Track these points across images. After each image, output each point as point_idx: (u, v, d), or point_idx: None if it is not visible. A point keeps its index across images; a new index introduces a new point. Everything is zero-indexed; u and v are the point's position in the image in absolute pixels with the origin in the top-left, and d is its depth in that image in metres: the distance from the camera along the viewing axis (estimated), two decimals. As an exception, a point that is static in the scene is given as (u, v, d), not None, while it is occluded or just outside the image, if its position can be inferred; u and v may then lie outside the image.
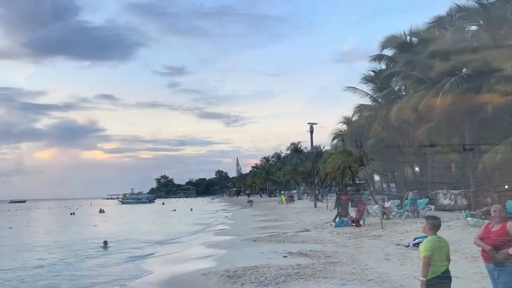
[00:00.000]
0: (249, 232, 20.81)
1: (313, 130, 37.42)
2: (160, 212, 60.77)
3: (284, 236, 17.42)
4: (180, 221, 36.84)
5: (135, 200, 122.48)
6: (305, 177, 76.61)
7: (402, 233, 15.71)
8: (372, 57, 33.98)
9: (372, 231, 17.00)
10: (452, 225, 16.17)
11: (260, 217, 31.24)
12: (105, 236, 23.02)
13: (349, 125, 31.61)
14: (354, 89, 29.64)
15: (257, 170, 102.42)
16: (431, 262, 4.86)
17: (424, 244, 5.15)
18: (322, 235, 17.27)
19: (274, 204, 52.57)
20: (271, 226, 22.53)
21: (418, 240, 12.55)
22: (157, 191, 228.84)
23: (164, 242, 21.05)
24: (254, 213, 37.16)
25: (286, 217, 29.40)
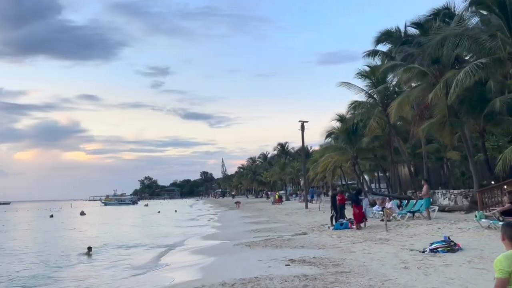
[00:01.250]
0: (240, 235, 19.24)
1: (304, 128, 36.06)
2: (143, 214, 58.73)
3: (281, 240, 15.92)
4: (164, 224, 34.87)
5: (118, 201, 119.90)
6: (292, 178, 75.46)
7: (410, 236, 14.36)
8: (366, 52, 32.86)
9: (376, 234, 15.62)
10: (463, 228, 14.92)
11: (249, 219, 29.68)
12: (85, 241, 21.25)
13: (342, 122, 30.33)
14: (349, 84, 28.37)
15: (243, 171, 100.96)
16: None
17: (500, 262, 3.60)
18: (321, 238, 15.82)
19: (262, 205, 51.14)
20: (264, 229, 21.01)
21: (435, 245, 11.21)
22: (140, 193, 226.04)
23: (148, 248, 19.29)
24: (243, 214, 35.57)
25: (278, 219, 27.91)
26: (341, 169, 44.52)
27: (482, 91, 19.26)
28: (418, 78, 20.58)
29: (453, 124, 19.82)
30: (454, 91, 14.01)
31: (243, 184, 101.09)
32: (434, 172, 33.34)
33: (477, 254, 10.44)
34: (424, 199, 18.95)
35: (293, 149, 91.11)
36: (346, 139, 30.69)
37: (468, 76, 13.43)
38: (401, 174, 34.44)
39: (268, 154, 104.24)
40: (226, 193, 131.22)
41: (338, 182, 61.13)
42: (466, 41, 14.38)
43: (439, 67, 20.85)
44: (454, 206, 23.91)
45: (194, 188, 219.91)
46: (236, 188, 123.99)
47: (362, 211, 18.05)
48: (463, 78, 13.49)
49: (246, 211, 41.71)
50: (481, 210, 18.53)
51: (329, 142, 38.25)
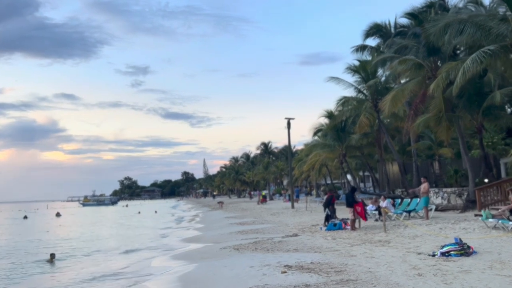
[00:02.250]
0: (226, 237, 17.87)
1: (290, 125, 34.88)
2: (122, 215, 56.71)
3: (271, 243, 14.62)
4: (143, 225, 33.03)
5: (97, 202, 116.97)
6: (276, 177, 74.32)
7: (412, 238, 13.25)
8: (355, 47, 31.91)
9: (374, 236, 14.49)
10: (467, 228, 13.89)
11: (234, 219, 28.29)
12: (53, 245, 19.53)
13: (331, 118, 29.24)
14: (338, 79, 27.25)
15: (226, 171, 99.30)
16: None
17: None
18: (315, 241, 14.59)
19: (246, 205, 49.79)
20: (251, 230, 19.68)
21: (447, 248, 10.07)
22: (120, 193, 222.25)
23: (124, 252, 17.71)
24: (227, 215, 34.13)
25: (264, 219, 26.62)
26: (327, 168, 43.62)
27: (480, 85, 18.36)
28: (413, 71, 19.58)
29: (450, 119, 18.87)
30: (460, 80, 12.96)
31: (226, 184, 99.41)
32: (423, 170, 32.53)
33: (495, 258, 9.35)
34: (422, 198, 17.91)
35: (276, 149, 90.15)
36: (335, 136, 29.61)
37: (476, 64, 12.42)
38: (389, 172, 33.55)
39: (251, 154, 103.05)
40: (208, 193, 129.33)
41: (322, 181, 60.36)
42: (470, 27, 13.35)
43: (435, 59, 19.94)
44: (447, 205, 23.03)
45: (175, 188, 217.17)
46: (218, 188, 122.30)
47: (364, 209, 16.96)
48: (470, 66, 12.45)
49: (230, 211, 40.29)
50: (479, 209, 17.68)
51: (316, 140, 37.11)
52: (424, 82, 19.68)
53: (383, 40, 31.21)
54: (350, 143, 29.22)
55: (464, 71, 12.57)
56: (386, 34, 31.17)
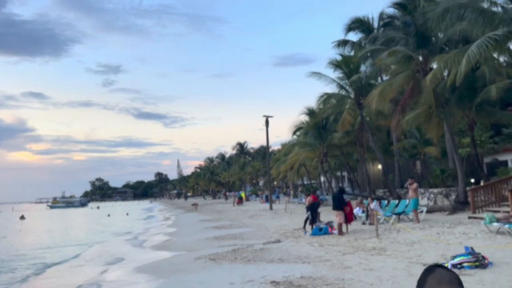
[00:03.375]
0: (201, 244, 16.14)
1: (268, 123, 33.39)
2: (91, 217, 53.98)
3: (252, 251, 13.01)
4: (110, 229, 30.47)
5: (66, 204, 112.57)
6: (252, 178, 72.81)
7: (410, 244, 11.89)
8: (336, 42, 30.82)
9: (365, 242, 13.08)
10: (468, 233, 12.66)
11: (210, 222, 26.52)
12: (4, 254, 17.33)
13: (312, 116, 27.88)
14: (319, 75, 25.91)
15: (200, 171, 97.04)
16: None
17: None
18: (301, 248, 13.07)
19: (222, 206, 47.99)
20: (229, 236, 18.00)
21: (460, 260, 8.69)
22: (91, 194, 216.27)
23: (78, 265, 15.57)
24: (202, 217, 32.29)
25: (242, 222, 24.97)
26: (305, 168, 42.38)
27: (473, 79, 17.28)
28: (402, 64, 18.36)
29: (441, 115, 17.71)
30: (465, 69, 11.68)
31: (200, 185, 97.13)
32: (405, 170, 31.63)
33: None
34: (412, 200, 16.68)
35: (253, 149, 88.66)
36: (316, 134, 28.26)
37: (482, 50, 11.17)
38: (370, 173, 32.46)
39: (226, 154, 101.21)
40: (182, 194, 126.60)
41: (299, 181, 59.20)
42: (471, 13, 12.12)
43: (425, 52, 18.80)
44: (434, 206, 22.00)
45: (148, 189, 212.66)
46: (193, 189, 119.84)
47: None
48: (476, 52, 11.19)
49: (205, 213, 38.44)
50: (473, 211, 16.60)
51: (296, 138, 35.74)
52: (413, 76, 18.49)
53: (365, 35, 30.20)
54: (331, 141, 27.94)
55: (469, 59, 11.30)
56: (369, 28, 30.17)
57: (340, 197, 15.34)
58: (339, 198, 15.34)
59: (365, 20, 30.01)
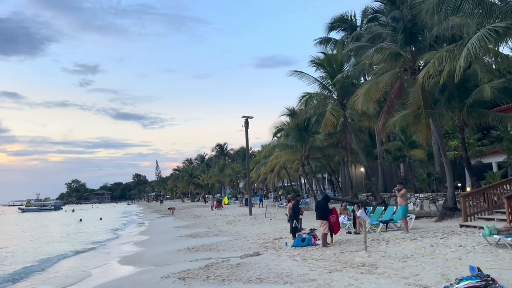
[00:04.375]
0: (172, 257, 14.64)
1: (248, 124, 32.04)
2: (62, 222, 51.55)
3: (228, 267, 11.60)
4: (76, 238, 27.65)
5: (38, 207, 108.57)
6: (232, 180, 71.33)
7: (402, 259, 10.66)
8: (318, 40, 29.73)
9: (353, 256, 11.81)
10: (465, 245, 11.52)
11: (185, 230, 24.96)
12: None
13: (293, 117, 26.66)
14: (301, 73, 24.67)
15: (179, 173, 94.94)
16: None
17: None
18: (282, 262, 11.72)
19: (200, 210, 46.40)
20: (204, 247, 16.53)
21: (467, 283, 7.46)
22: (67, 197, 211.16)
23: (25, 278, 13.76)
24: (177, 223, 30.66)
25: (219, 229, 23.51)
26: (286, 170, 41.22)
27: (464, 78, 16.27)
28: (389, 62, 17.29)
29: (430, 116, 16.68)
30: (464, 64, 10.55)
31: (179, 187, 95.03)
32: (388, 173, 30.73)
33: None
34: (400, 207, 15.54)
35: (233, 150, 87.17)
36: (297, 136, 27.02)
37: (483, 42, 10.07)
38: (352, 176, 31.45)
39: (205, 156, 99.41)
40: (160, 197, 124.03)
41: (279, 184, 58.04)
42: (469, 3, 11.02)
43: (412, 49, 17.75)
44: (420, 211, 21.01)
45: (126, 191, 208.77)
46: (171, 192, 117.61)
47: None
48: (477, 45, 10.07)
49: (181, 218, 36.80)
50: (465, 218, 15.57)
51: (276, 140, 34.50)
52: (401, 74, 17.43)
53: (348, 33, 29.19)
54: (313, 144, 26.75)
55: (470, 52, 10.19)
56: (352, 26, 29.17)
57: (324, 205, 14.05)
58: (323, 205, 14.04)
59: (347, 18, 29.01)
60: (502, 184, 15.76)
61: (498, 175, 19.15)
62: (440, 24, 13.80)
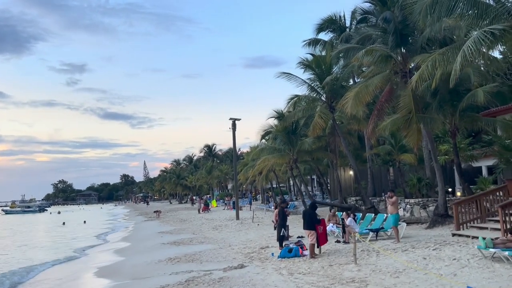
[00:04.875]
0: (152, 269, 13.88)
1: (235, 126, 31.32)
2: (44, 225, 50.24)
3: (209, 283, 10.89)
4: (54, 245, 25.66)
5: (22, 209, 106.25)
6: (220, 182, 70.50)
7: (394, 274, 10.06)
8: (307, 41, 29.17)
9: (342, 269, 11.17)
10: (459, 258, 10.95)
11: (169, 236, 24.16)
12: None
13: (281, 120, 26.01)
14: (289, 75, 24.05)
15: (166, 174, 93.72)
16: None
17: None
18: (268, 277, 11.05)
19: (187, 213, 45.54)
20: (186, 257, 15.78)
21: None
22: (53, 197, 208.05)
23: None
24: (162, 228, 29.82)
25: (204, 235, 22.76)
26: (274, 173, 40.58)
27: (456, 82, 15.75)
28: (379, 64, 16.74)
29: (421, 120, 16.15)
30: (460, 66, 9.98)
31: (166, 189, 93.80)
32: (378, 177, 30.27)
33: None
34: (391, 216, 14.96)
35: (221, 151, 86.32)
36: (285, 139, 26.39)
37: (479, 45, 9.52)
38: (341, 179, 30.93)
39: (194, 157, 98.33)
40: (148, 198, 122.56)
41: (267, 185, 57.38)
42: (464, 4, 10.48)
43: (403, 52, 17.22)
44: (411, 218, 20.53)
45: (113, 192, 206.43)
46: (159, 193, 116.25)
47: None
48: (474, 48, 9.50)
49: (166, 222, 35.94)
50: (457, 227, 15.05)
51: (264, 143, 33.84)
52: (391, 77, 16.89)
53: (337, 34, 28.69)
54: (302, 147, 26.14)
55: (465, 55, 9.63)
56: (341, 28, 28.68)
57: (313, 215, 13.40)
58: (311, 215, 13.39)
59: (336, 19, 28.49)
60: (495, 191, 15.27)
61: (490, 181, 18.71)
62: (433, 25, 13.28)
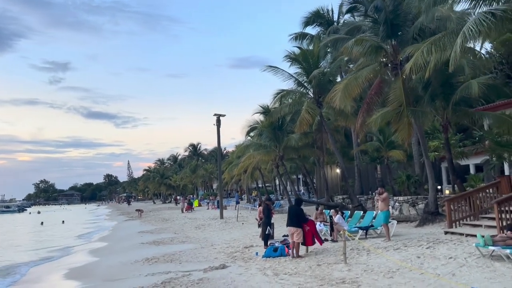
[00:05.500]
0: (127, 270, 12.91)
1: (220, 122, 30.40)
2: (22, 225, 48.53)
3: (187, 285, 10.01)
4: (29, 247, 24.27)
5: (0, 209, 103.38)
6: (205, 181, 69.39)
7: (387, 274, 9.31)
8: (293, 35, 28.43)
9: (331, 269, 10.38)
10: (456, 257, 10.27)
11: (150, 235, 23.13)
12: None
13: (267, 115, 25.21)
14: (276, 69, 23.28)
15: (150, 174, 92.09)
16: None
17: None
18: (251, 278, 10.20)
19: (170, 213, 44.41)
20: (165, 257, 14.83)
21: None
22: (35, 198, 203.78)
23: None
24: (143, 228, 28.73)
25: (186, 235, 21.81)
26: (260, 171, 39.76)
27: (449, 74, 15.20)
28: (369, 55, 16.03)
29: (412, 114, 15.50)
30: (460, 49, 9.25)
31: (150, 188, 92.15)
32: (365, 175, 29.69)
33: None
34: (382, 213, 14.27)
35: (206, 151, 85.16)
36: (271, 135, 25.58)
37: (480, 26, 8.81)
38: (328, 177, 30.26)
39: (178, 156, 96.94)
40: (131, 198, 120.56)
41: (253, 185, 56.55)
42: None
43: (394, 43, 16.56)
44: (400, 216, 19.90)
45: (96, 192, 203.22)
46: (143, 193, 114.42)
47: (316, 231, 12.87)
48: (474, 29, 8.78)
49: (148, 221, 34.82)
50: (449, 225, 14.43)
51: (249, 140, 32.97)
52: (381, 69, 16.22)
53: (324, 28, 28.03)
54: (288, 143, 25.37)
55: (465, 37, 8.92)
56: (328, 22, 28.02)
57: (299, 210, 12.56)
58: (297, 211, 12.55)
59: (323, 13, 27.84)
60: (488, 188, 14.70)
61: (481, 177, 18.19)
62: (427, 11, 12.61)
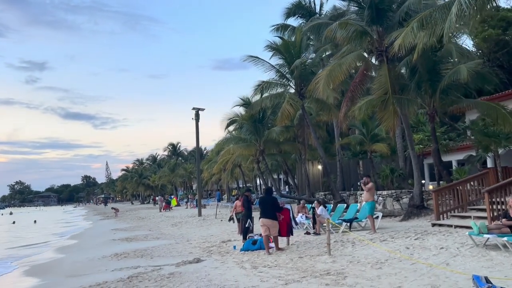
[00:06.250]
0: (92, 265, 11.84)
1: (199, 117, 29.38)
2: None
3: (157, 279, 9.03)
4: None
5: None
6: (185, 181, 68.03)
7: (376, 265, 8.53)
8: (275, 26, 27.66)
9: (314, 261, 9.55)
10: (448, 247, 9.57)
11: (123, 232, 21.97)
12: None
13: (248, 107, 24.34)
14: (256, 59, 22.45)
15: (128, 174, 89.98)
16: None
17: None
18: (227, 272, 9.29)
19: (147, 212, 43.07)
20: (135, 252, 13.79)
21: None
22: (9, 199, 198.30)
23: None
24: (117, 226, 27.48)
25: (161, 232, 20.74)
26: (241, 169, 38.86)
27: (436, 60, 14.62)
28: (354, 41, 15.33)
29: (398, 102, 14.86)
30: (453, 23, 8.56)
31: (128, 189, 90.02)
32: (347, 170, 29.10)
33: None
34: (367, 203, 13.55)
35: (186, 150, 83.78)
36: (252, 128, 24.72)
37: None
38: (309, 174, 29.55)
39: (158, 156, 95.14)
40: (109, 199, 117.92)
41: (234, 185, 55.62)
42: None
43: (379, 29, 15.91)
44: (383, 210, 19.25)
45: (74, 193, 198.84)
46: (121, 194, 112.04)
47: (290, 219, 12.00)
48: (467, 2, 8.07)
49: (124, 220, 33.52)
50: (437, 217, 13.81)
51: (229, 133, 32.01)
52: (366, 56, 15.55)
53: (306, 20, 27.38)
54: (269, 136, 24.54)
55: (461, 6, 8.21)
56: (310, 13, 27.39)
57: (273, 200, 11.65)
58: (272, 201, 11.59)
59: (305, 4, 27.21)
60: (476, 178, 14.15)
61: (466, 171, 17.70)
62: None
